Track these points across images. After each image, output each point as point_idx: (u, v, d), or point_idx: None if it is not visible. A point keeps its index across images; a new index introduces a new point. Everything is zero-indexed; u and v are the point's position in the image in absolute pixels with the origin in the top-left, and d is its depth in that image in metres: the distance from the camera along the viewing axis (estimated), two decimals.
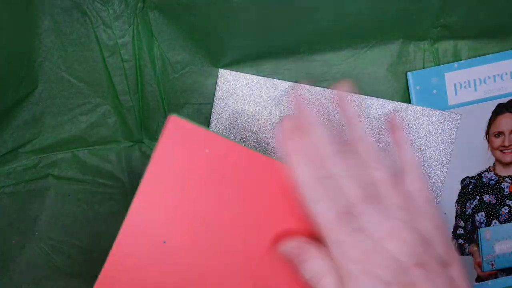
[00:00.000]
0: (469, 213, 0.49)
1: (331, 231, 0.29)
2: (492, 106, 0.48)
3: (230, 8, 0.43)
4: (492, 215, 0.49)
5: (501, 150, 0.49)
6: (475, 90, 0.48)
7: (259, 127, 0.46)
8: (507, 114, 0.49)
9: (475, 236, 0.50)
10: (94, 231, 0.48)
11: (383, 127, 0.47)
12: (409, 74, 0.48)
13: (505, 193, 0.49)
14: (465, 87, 0.48)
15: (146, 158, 0.48)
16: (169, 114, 0.33)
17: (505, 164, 0.49)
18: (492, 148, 0.49)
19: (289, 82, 0.46)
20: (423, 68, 0.48)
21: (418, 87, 0.48)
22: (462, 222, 0.49)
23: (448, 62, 0.48)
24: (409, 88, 0.48)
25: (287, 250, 0.32)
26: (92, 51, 0.45)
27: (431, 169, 0.47)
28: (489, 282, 0.50)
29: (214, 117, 0.46)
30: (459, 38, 0.48)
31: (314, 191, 0.30)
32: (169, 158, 0.33)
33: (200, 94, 0.47)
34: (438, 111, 0.47)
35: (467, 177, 0.49)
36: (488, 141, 0.49)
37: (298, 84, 0.46)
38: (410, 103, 0.48)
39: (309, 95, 0.46)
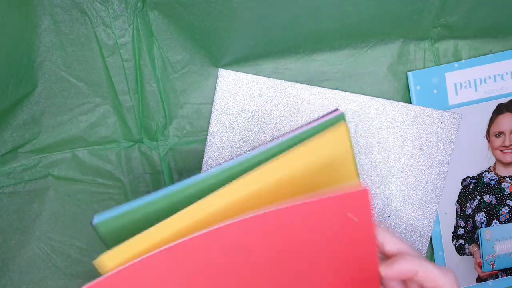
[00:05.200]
0: (469, 213, 0.49)
1: None
2: (492, 106, 0.48)
3: (230, 8, 0.43)
4: (493, 215, 0.49)
5: (501, 150, 0.49)
6: (476, 90, 0.48)
7: (259, 127, 0.46)
8: (508, 114, 0.49)
9: (475, 236, 0.50)
10: (94, 231, 0.48)
11: (383, 127, 0.46)
12: (410, 74, 0.48)
13: (505, 193, 0.49)
14: (465, 87, 0.48)
15: (145, 158, 0.48)
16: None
17: (506, 164, 0.49)
18: (493, 148, 0.49)
19: (289, 82, 0.46)
20: (424, 68, 0.48)
21: (418, 87, 0.48)
22: (462, 222, 0.49)
23: (448, 62, 0.48)
24: (410, 88, 0.48)
25: None
26: (91, 51, 0.45)
27: (431, 169, 0.47)
28: (490, 282, 0.50)
29: (214, 117, 0.46)
30: (460, 38, 0.48)
31: None
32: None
33: (200, 94, 0.47)
34: (439, 111, 0.47)
35: (468, 177, 0.49)
36: (489, 141, 0.49)
37: (298, 84, 0.46)
38: (410, 103, 0.48)
39: (309, 95, 0.46)
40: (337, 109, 0.36)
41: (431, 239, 0.49)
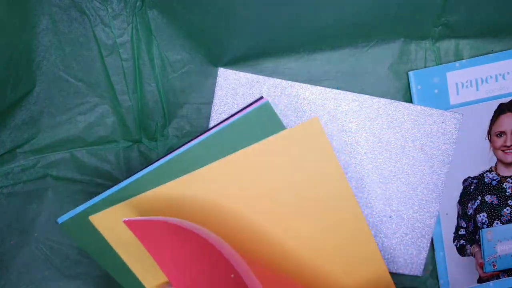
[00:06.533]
0: (470, 213, 0.49)
1: None
2: (494, 105, 0.48)
3: (230, 7, 0.43)
4: (494, 215, 0.49)
5: (503, 150, 0.49)
6: (477, 89, 0.48)
7: None
8: (509, 114, 0.48)
9: (476, 236, 0.49)
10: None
11: (384, 127, 0.46)
12: (411, 73, 0.48)
13: (507, 194, 0.49)
14: (466, 86, 0.48)
15: (145, 158, 0.48)
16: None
17: (507, 164, 0.49)
18: (494, 148, 0.49)
19: (289, 82, 0.46)
20: (425, 67, 0.48)
21: (419, 87, 0.47)
22: (463, 222, 0.49)
23: (449, 62, 0.48)
24: (411, 87, 0.48)
25: None
26: (90, 50, 0.45)
27: (432, 169, 0.47)
28: (491, 283, 0.50)
29: (213, 116, 0.46)
30: (461, 37, 0.48)
31: None
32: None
33: (199, 93, 0.47)
34: (440, 111, 0.46)
35: (469, 177, 0.49)
36: (490, 141, 0.49)
37: (299, 83, 0.46)
38: (411, 102, 0.48)
39: (310, 94, 0.46)
40: (261, 97, 0.37)
41: (432, 239, 0.49)
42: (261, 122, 0.38)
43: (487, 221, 0.49)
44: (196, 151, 0.38)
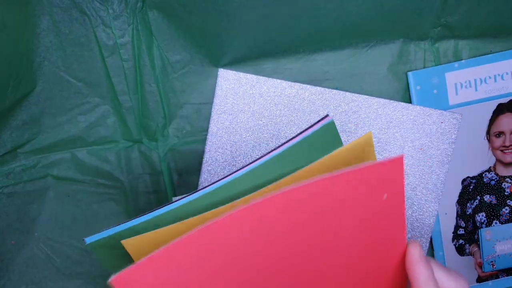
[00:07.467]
0: (469, 213, 0.49)
1: None
2: (492, 106, 0.48)
3: (230, 7, 0.43)
4: (493, 215, 0.49)
5: (501, 150, 0.49)
6: (476, 90, 0.48)
7: (259, 127, 0.46)
8: (508, 114, 0.49)
9: (475, 236, 0.49)
10: (94, 232, 0.48)
11: (383, 127, 0.46)
12: (410, 74, 0.48)
13: (505, 193, 0.49)
14: (465, 87, 0.48)
15: (145, 158, 0.48)
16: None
17: (506, 164, 0.49)
18: (493, 148, 0.49)
19: (289, 82, 0.46)
20: (424, 67, 0.48)
21: (418, 87, 0.48)
22: (462, 222, 0.49)
23: (448, 62, 0.48)
24: (410, 88, 0.48)
25: None
26: (91, 51, 0.45)
27: (432, 169, 0.47)
28: (490, 282, 0.50)
29: (214, 117, 0.46)
30: (460, 37, 0.48)
31: None
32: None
33: (200, 93, 0.47)
34: (439, 111, 0.47)
35: (468, 177, 0.49)
36: (489, 141, 0.49)
37: (298, 84, 0.46)
38: (410, 103, 0.48)
39: (309, 94, 0.46)
40: (327, 115, 0.34)
41: (431, 239, 0.49)
42: (323, 142, 0.33)
43: (486, 221, 0.49)
44: (248, 177, 0.33)
